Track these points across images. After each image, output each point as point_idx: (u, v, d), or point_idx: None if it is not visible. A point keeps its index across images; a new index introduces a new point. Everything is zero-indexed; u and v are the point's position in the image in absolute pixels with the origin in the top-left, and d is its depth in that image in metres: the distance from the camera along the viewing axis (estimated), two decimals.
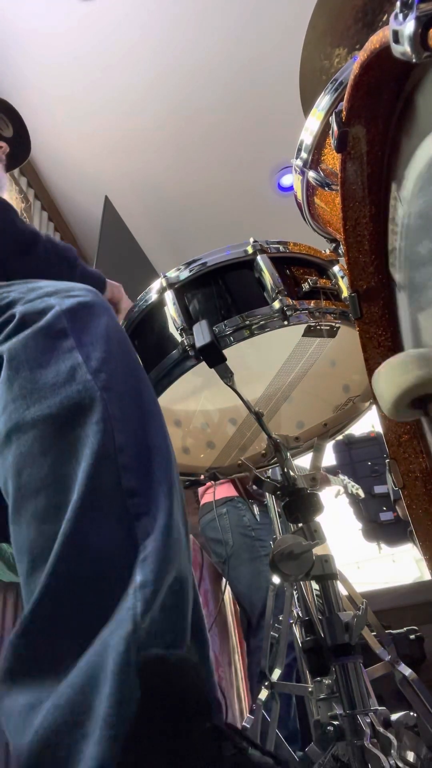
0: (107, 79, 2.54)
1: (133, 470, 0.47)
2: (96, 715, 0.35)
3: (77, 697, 0.37)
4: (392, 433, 0.76)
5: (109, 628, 0.39)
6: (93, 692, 0.36)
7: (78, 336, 0.54)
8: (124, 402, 0.51)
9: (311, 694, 0.93)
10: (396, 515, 3.15)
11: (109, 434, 0.47)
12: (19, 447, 0.49)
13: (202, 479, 1.17)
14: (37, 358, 0.53)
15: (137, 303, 1.00)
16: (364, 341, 0.76)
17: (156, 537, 0.44)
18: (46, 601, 0.41)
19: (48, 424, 0.49)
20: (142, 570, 0.42)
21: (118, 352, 0.56)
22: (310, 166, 0.92)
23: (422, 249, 0.59)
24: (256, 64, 2.52)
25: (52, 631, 0.41)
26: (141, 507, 0.45)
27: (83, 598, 0.41)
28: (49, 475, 0.47)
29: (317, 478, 0.95)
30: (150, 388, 0.58)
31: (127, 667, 0.36)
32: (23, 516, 0.46)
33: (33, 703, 0.38)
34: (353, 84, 0.58)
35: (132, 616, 0.39)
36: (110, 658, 0.37)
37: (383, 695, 1.61)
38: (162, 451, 0.51)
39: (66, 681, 0.38)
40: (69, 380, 0.51)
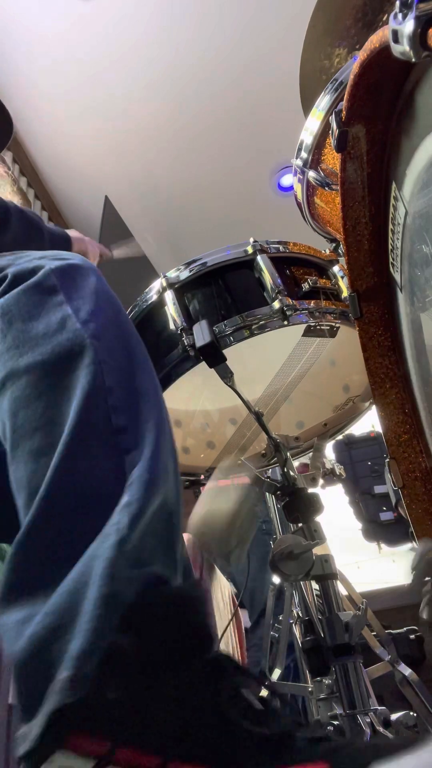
0: (107, 79, 2.54)
1: (122, 410, 0.49)
2: (82, 617, 0.36)
3: (65, 603, 0.38)
4: (392, 433, 0.76)
5: (96, 542, 0.41)
6: (81, 596, 0.37)
7: (67, 291, 0.57)
8: (113, 350, 0.54)
9: (311, 694, 0.93)
10: (396, 515, 3.15)
11: (99, 376, 0.50)
12: (14, 392, 0.51)
13: (202, 479, 1.17)
14: (29, 311, 0.55)
15: (137, 303, 1.00)
16: (364, 341, 0.76)
17: (142, 465, 0.46)
18: (38, 523, 0.43)
19: (41, 369, 0.51)
20: (129, 493, 0.43)
21: (106, 307, 0.58)
22: (310, 166, 0.92)
23: (422, 249, 0.59)
24: (256, 63, 2.52)
25: (44, 551, 0.42)
26: (129, 443, 0.48)
27: (73, 520, 0.43)
28: (43, 415, 0.49)
29: (317, 478, 0.95)
30: (138, 340, 0.60)
31: (113, 570, 0.38)
32: (21, 454, 0.49)
33: (27, 616, 0.39)
34: (353, 84, 0.58)
35: (117, 530, 0.40)
36: (96, 564, 0.38)
37: (383, 695, 1.61)
38: (150, 393, 0.54)
39: (56, 591, 0.39)
40: (60, 329, 0.53)
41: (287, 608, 1.12)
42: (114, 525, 0.41)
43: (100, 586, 0.37)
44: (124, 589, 0.38)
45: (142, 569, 0.40)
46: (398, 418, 0.75)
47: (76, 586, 0.38)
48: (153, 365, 0.60)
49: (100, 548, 0.40)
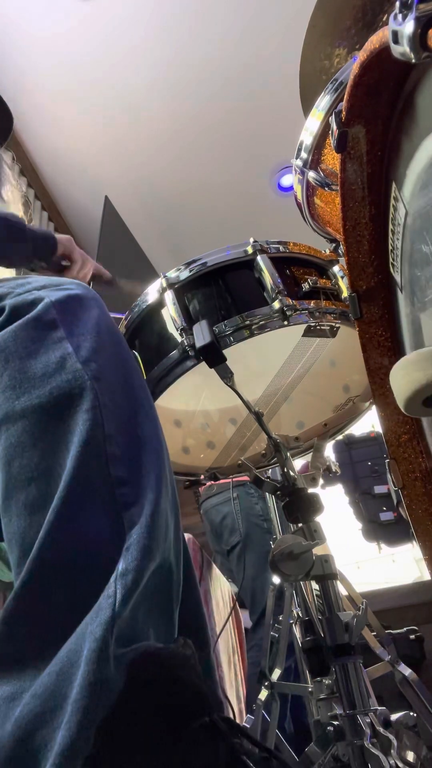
0: (108, 79, 2.54)
1: (121, 459, 0.47)
2: (68, 702, 0.35)
3: (54, 685, 0.36)
4: (392, 433, 0.76)
5: (89, 616, 0.39)
6: (68, 679, 0.36)
7: (68, 327, 0.54)
8: (115, 392, 0.51)
9: (311, 694, 0.93)
10: (396, 515, 3.15)
11: (98, 423, 0.47)
12: (9, 438, 0.49)
13: (202, 479, 1.17)
14: (27, 348, 0.53)
15: (137, 303, 1.00)
16: (364, 341, 0.76)
17: (140, 528, 0.43)
18: (29, 589, 0.41)
19: (37, 414, 0.49)
20: (125, 559, 0.41)
21: (108, 343, 0.55)
22: (310, 166, 0.92)
23: (422, 249, 0.59)
24: (256, 64, 2.52)
25: (35, 620, 0.40)
26: (129, 496, 0.45)
27: (67, 586, 0.41)
28: (39, 465, 0.46)
29: (317, 478, 0.95)
30: (141, 379, 0.58)
31: (101, 653, 0.36)
32: (14, 507, 0.46)
33: (14, 693, 0.38)
34: (353, 84, 0.58)
35: (111, 604, 0.38)
36: (86, 644, 0.37)
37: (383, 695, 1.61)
38: (152, 440, 0.51)
39: (46, 670, 0.38)
40: (59, 370, 0.51)
41: (287, 608, 1.12)
42: (108, 598, 0.39)
43: (87, 671, 0.35)
44: (114, 674, 0.36)
45: (132, 647, 0.38)
46: (398, 418, 0.75)
47: (64, 667, 0.37)
48: (153, 366, 0.59)
49: (91, 625, 0.38)
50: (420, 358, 0.46)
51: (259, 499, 2.15)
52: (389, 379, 0.50)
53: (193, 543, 1.80)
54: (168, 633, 0.44)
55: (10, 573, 1.30)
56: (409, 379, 0.46)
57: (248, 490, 2.17)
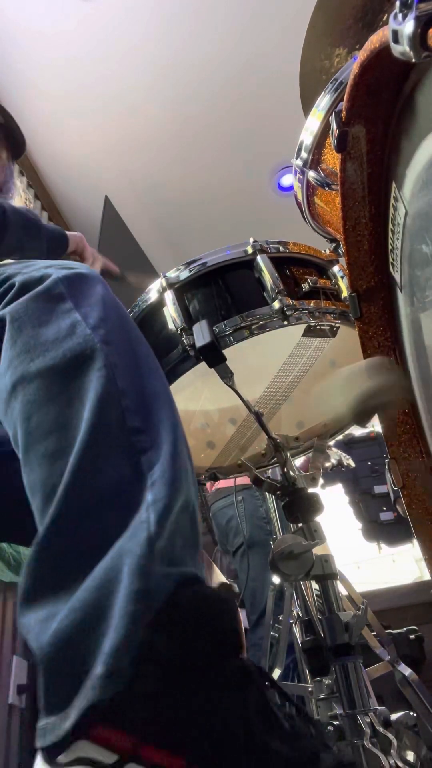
0: (107, 79, 2.54)
1: (136, 411, 0.49)
2: (113, 613, 0.35)
3: (93, 599, 0.37)
4: (392, 433, 0.76)
5: (123, 538, 0.40)
6: (109, 593, 0.37)
7: (75, 299, 0.57)
8: (123, 354, 0.54)
9: (311, 694, 0.93)
10: (396, 515, 3.15)
11: (111, 379, 0.50)
12: (26, 396, 0.51)
13: (202, 479, 1.17)
14: (39, 317, 0.56)
15: (137, 303, 1.00)
16: (364, 341, 0.76)
17: (162, 464, 0.45)
18: (58, 523, 0.42)
19: (52, 373, 0.51)
20: (152, 491, 0.43)
21: (114, 315, 0.58)
22: (310, 166, 0.92)
23: (422, 249, 0.59)
24: (256, 63, 2.52)
25: (65, 551, 0.42)
26: (146, 442, 0.47)
27: (94, 519, 0.42)
28: (57, 418, 0.49)
29: (317, 478, 0.95)
30: (147, 347, 0.60)
31: (144, 567, 0.37)
32: (34, 458, 0.48)
33: (50, 614, 0.38)
34: (353, 84, 0.58)
35: (146, 528, 0.40)
36: (126, 560, 0.38)
37: (383, 695, 1.61)
38: (162, 395, 0.54)
39: (81, 587, 0.38)
40: (70, 334, 0.53)
41: (287, 608, 1.12)
42: (143, 522, 0.40)
43: (132, 581, 0.36)
44: (158, 585, 0.37)
45: (175, 567, 0.40)
46: (398, 418, 0.75)
47: (104, 581, 0.38)
48: None
49: (128, 544, 0.39)
50: (362, 369, 0.47)
51: (264, 501, 2.19)
52: (325, 391, 0.51)
53: None
54: (200, 570, 0.44)
55: (10, 573, 1.30)
56: (343, 398, 0.47)
57: (254, 493, 2.22)
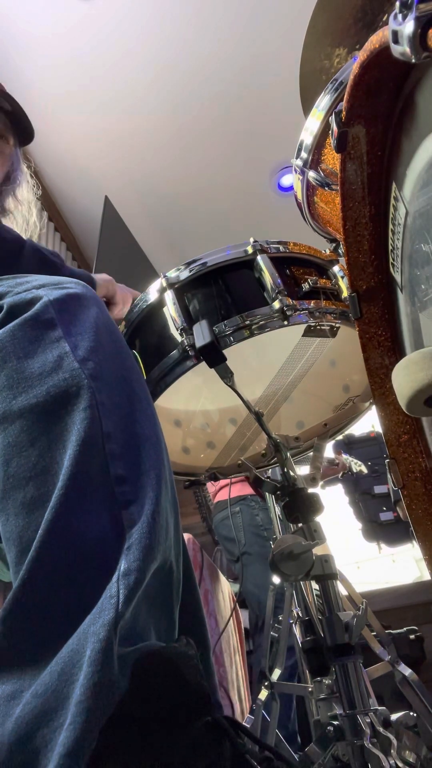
0: (107, 79, 2.54)
1: (120, 457, 0.47)
2: (70, 703, 0.34)
3: (55, 685, 0.36)
4: (392, 433, 0.75)
5: (91, 615, 0.38)
6: (70, 679, 0.36)
7: (66, 326, 0.54)
8: (113, 390, 0.51)
9: (311, 694, 0.93)
10: (396, 515, 3.15)
11: (96, 421, 0.47)
12: (6, 437, 0.49)
13: (202, 479, 1.17)
14: (24, 348, 0.53)
15: (137, 303, 1.00)
16: (364, 341, 0.76)
17: (141, 525, 0.43)
18: (28, 588, 0.41)
19: (35, 413, 0.48)
20: (126, 558, 0.41)
21: (107, 342, 0.55)
22: (310, 166, 0.92)
23: (422, 249, 0.59)
24: (256, 64, 2.52)
25: (34, 619, 0.40)
26: (129, 494, 0.45)
27: (67, 585, 0.41)
28: (37, 464, 0.46)
29: (317, 478, 0.95)
30: (140, 377, 0.58)
31: (105, 653, 0.36)
32: (11, 506, 0.46)
33: (14, 692, 0.37)
34: (353, 84, 0.58)
35: (114, 604, 0.38)
36: (89, 644, 0.36)
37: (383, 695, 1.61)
38: (151, 439, 0.51)
39: (47, 669, 0.37)
40: (56, 369, 0.50)
41: (287, 608, 1.12)
42: (111, 598, 0.39)
43: (90, 672, 0.35)
44: (118, 675, 0.36)
45: (136, 647, 0.38)
46: (398, 418, 0.75)
47: (66, 667, 0.36)
48: (153, 366, 0.59)
49: (94, 625, 0.37)
50: (422, 357, 0.46)
51: (260, 510, 2.23)
52: (391, 378, 0.50)
53: (193, 543, 1.80)
54: (169, 632, 0.44)
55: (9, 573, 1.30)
56: (411, 378, 0.46)
57: (249, 503, 2.26)
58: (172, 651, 0.40)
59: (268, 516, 2.17)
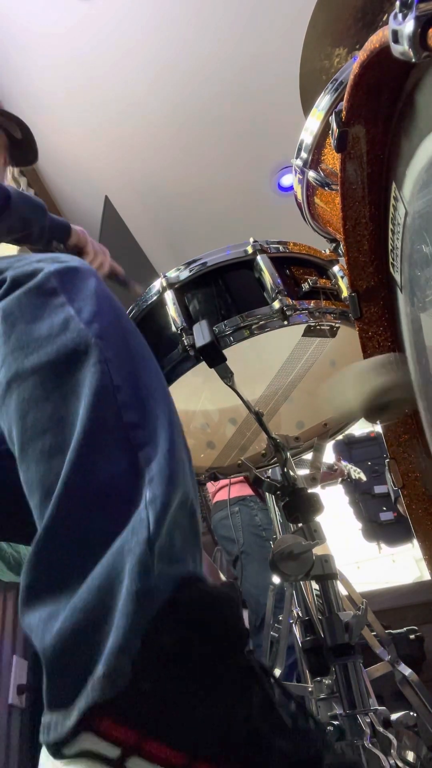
0: (107, 79, 2.54)
1: (132, 406, 0.49)
2: (114, 613, 0.36)
3: (94, 599, 0.37)
4: (392, 433, 0.76)
5: (122, 537, 0.40)
6: (111, 593, 0.37)
7: (68, 293, 0.57)
8: (118, 349, 0.53)
9: (311, 694, 0.93)
10: (396, 515, 3.15)
11: (106, 374, 0.49)
12: (21, 393, 0.51)
13: (202, 479, 1.17)
14: (32, 313, 0.55)
15: (137, 303, 1.00)
16: (364, 341, 0.76)
17: (160, 460, 0.45)
18: (57, 521, 0.42)
19: (47, 369, 0.51)
20: (150, 488, 0.43)
21: (107, 308, 0.58)
22: (310, 166, 0.92)
23: (422, 249, 0.59)
24: (256, 63, 2.52)
25: (65, 549, 0.42)
26: (143, 438, 0.47)
27: (93, 516, 0.42)
28: (53, 415, 0.48)
29: (317, 478, 0.95)
30: (142, 340, 0.60)
31: (144, 566, 0.37)
32: (31, 455, 0.48)
33: (52, 613, 0.39)
34: (353, 84, 0.58)
35: (146, 526, 0.39)
36: (126, 560, 0.38)
37: (383, 695, 1.61)
38: (158, 389, 0.53)
39: (82, 587, 0.39)
40: (63, 330, 0.53)
41: (287, 608, 1.12)
42: (142, 521, 0.40)
43: (133, 581, 0.36)
44: (159, 585, 0.37)
45: (176, 565, 0.39)
46: (398, 418, 0.75)
47: (105, 581, 0.38)
48: None
49: (129, 543, 0.39)
50: (373, 366, 0.46)
51: (259, 510, 2.23)
52: (334, 387, 0.50)
53: None
54: (200, 567, 0.44)
55: (10, 573, 1.30)
56: (365, 386, 0.46)
57: (248, 504, 2.26)
58: (216, 586, 0.40)
59: (267, 516, 2.17)
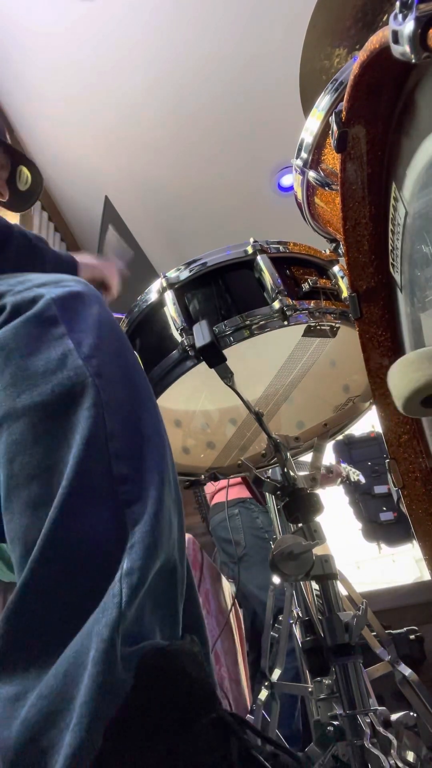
0: (107, 79, 2.54)
1: (124, 457, 0.47)
2: (75, 704, 0.35)
3: (60, 686, 0.36)
4: (392, 433, 0.75)
5: (94, 616, 0.38)
6: (75, 680, 0.36)
7: (69, 323, 0.54)
8: (116, 388, 0.51)
9: (311, 694, 0.93)
10: (396, 515, 3.15)
11: (100, 421, 0.47)
12: (11, 435, 0.48)
13: (202, 479, 1.17)
14: (28, 346, 0.52)
15: (137, 303, 1.00)
16: (364, 341, 0.76)
17: (144, 524, 0.43)
18: (31, 588, 0.41)
19: (39, 411, 0.48)
20: (130, 557, 0.41)
21: (109, 340, 0.55)
22: (310, 166, 0.92)
23: (422, 249, 0.59)
24: (256, 63, 2.52)
25: (38, 620, 0.40)
26: (131, 494, 0.45)
27: (70, 586, 0.41)
28: (41, 462, 0.46)
29: (317, 478, 0.95)
30: (143, 375, 0.58)
31: (109, 654, 0.36)
32: (16, 504, 0.46)
33: (18, 693, 0.37)
34: (353, 84, 0.58)
35: (117, 603, 0.38)
36: (93, 645, 0.36)
37: (383, 695, 1.61)
38: (154, 438, 0.51)
39: (51, 671, 0.37)
40: (60, 367, 0.50)
41: (287, 608, 1.12)
42: (114, 597, 0.39)
43: (95, 673, 0.35)
44: (122, 674, 0.36)
45: (140, 645, 0.38)
46: (398, 418, 0.75)
47: (70, 667, 0.37)
48: (153, 366, 0.59)
49: (98, 625, 0.38)
50: (418, 358, 0.46)
51: (260, 513, 2.22)
52: (387, 379, 0.50)
53: (193, 543, 1.79)
54: (173, 630, 0.44)
55: (10, 573, 1.30)
56: (407, 379, 0.46)
57: (248, 506, 2.25)
58: (177, 648, 0.40)
59: (268, 518, 2.16)
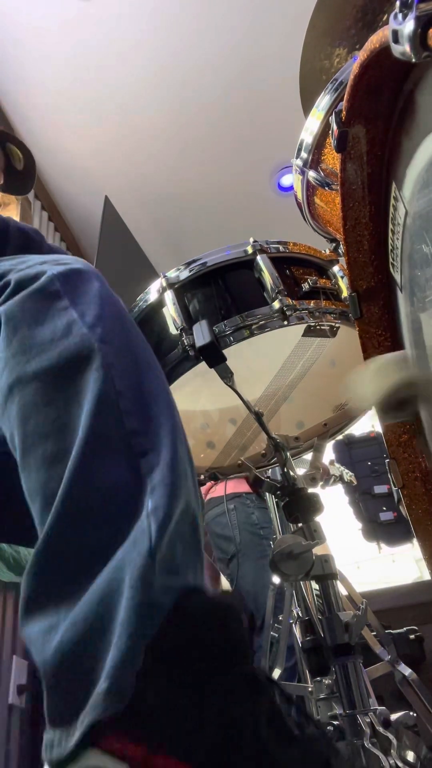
0: (107, 79, 2.54)
1: (134, 413, 0.48)
2: (115, 627, 0.35)
3: (95, 611, 0.37)
4: (392, 433, 0.76)
5: (123, 548, 0.39)
6: (111, 606, 0.37)
7: (71, 296, 0.56)
8: (121, 354, 0.53)
9: (311, 694, 0.93)
10: (396, 515, 3.15)
11: (109, 380, 0.49)
12: (23, 398, 0.50)
13: (202, 479, 1.17)
14: (34, 316, 0.55)
15: (137, 303, 1.00)
16: (364, 341, 0.76)
17: (162, 469, 0.45)
18: (57, 530, 0.42)
19: (49, 374, 0.50)
20: (152, 497, 0.42)
21: (111, 311, 0.57)
22: (310, 166, 0.92)
23: (422, 249, 0.59)
24: (256, 63, 2.52)
25: (65, 559, 0.41)
26: (145, 445, 0.47)
27: (94, 525, 0.42)
28: (55, 421, 0.48)
29: (317, 478, 0.95)
30: (146, 344, 0.59)
31: (145, 578, 0.36)
32: (32, 462, 0.47)
33: (51, 625, 0.38)
34: (353, 84, 0.58)
35: (148, 537, 0.39)
36: (127, 571, 0.37)
37: (383, 695, 1.61)
38: (161, 395, 0.53)
39: (82, 599, 0.38)
40: (66, 334, 0.52)
41: (287, 608, 1.12)
42: (143, 531, 0.39)
43: (134, 594, 0.36)
44: (160, 598, 0.37)
45: (177, 577, 0.39)
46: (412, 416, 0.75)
47: (105, 594, 0.37)
48: None
49: (130, 555, 0.38)
50: (380, 365, 0.46)
51: (255, 508, 2.21)
52: (352, 389, 0.50)
53: None
54: (201, 579, 0.44)
55: (10, 573, 1.30)
56: (376, 386, 0.46)
57: (244, 501, 2.23)
58: (218, 596, 0.40)
59: (264, 514, 2.15)
